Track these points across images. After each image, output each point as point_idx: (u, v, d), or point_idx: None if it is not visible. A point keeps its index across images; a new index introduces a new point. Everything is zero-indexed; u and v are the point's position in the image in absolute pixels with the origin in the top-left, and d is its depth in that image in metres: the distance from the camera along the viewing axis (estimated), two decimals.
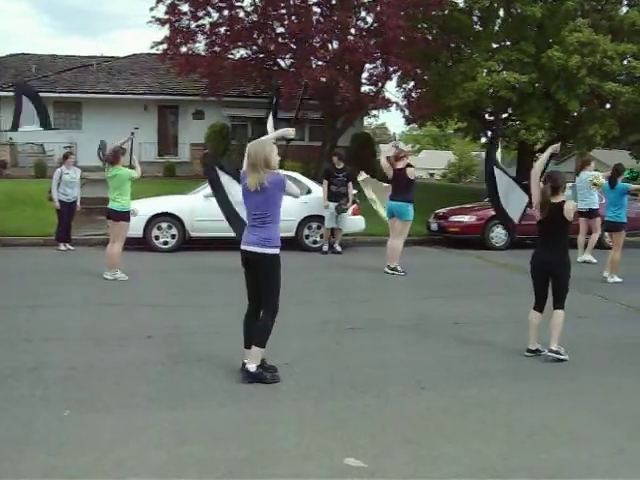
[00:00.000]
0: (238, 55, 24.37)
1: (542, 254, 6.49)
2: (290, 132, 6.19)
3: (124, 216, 10.04)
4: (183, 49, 23.69)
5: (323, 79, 21.89)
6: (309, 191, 13.91)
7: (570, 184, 11.93)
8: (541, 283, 6.51)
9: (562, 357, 6.32)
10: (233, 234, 5.55)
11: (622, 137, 23.60)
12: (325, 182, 13.74)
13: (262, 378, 5.44)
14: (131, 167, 10.59)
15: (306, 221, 13.92)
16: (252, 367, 5.43)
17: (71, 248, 13.30)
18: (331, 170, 13.90)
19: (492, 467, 4.13)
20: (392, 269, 11.20)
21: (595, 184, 12.35)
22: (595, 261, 12.36)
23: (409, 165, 11.35)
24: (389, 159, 11.54)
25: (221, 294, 9.08)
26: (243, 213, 6.11)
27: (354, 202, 14.19)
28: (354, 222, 14.45)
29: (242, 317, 5.64)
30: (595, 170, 13.26)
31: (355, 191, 14.57)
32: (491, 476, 4.02)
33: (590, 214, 12.87)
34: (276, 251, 5.44)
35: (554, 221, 6.28)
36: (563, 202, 6.27)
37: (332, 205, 13.52)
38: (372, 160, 28.15)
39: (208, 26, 23.57)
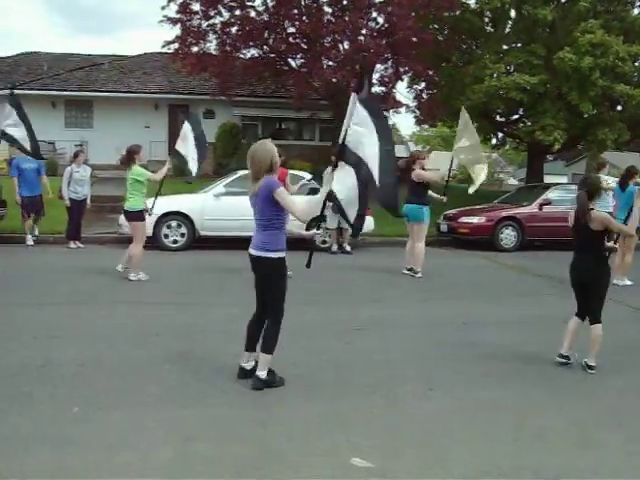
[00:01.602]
0: (249, 55, 24.46)
1: (574, 261, 6.35)
2: (332, 177, 5.74)
3: (133, 215, 10.00)
4: (194, 48, 23.75)
5: (334, 79, 21.89)
6: (317, 191, 13.85)
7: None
8: (576, 290, 6.37)
9: (591, 372, 6.22)
10: (242, 233, 5.44)
11: (633, 140, 23.50)
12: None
13: (271, 383, 5.41)
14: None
15: (314, 221, 13.91)
16: (262, 374, 5.37)
17: (81, 246, 13.35)
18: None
19: (499, 468, 4.12)
20: (410, 270, 11.20)
21: (605, 188, 12.26)
22: None
23: (422, 168, 11.33)
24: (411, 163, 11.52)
25: (230, 293, 9.09)
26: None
27: None
28: None
29: (250, 316, 5.64)
30: (607, 174, 13.17)
31: None
32: (498, 477, 4.01)
33: None
34: (278, 255, 5.31)
35: (584, 228, 6.15)
36: (590, 210, 6.18)
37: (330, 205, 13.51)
38: None
39: (219, 25, 23.66)
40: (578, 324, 6.37)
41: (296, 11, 22.75)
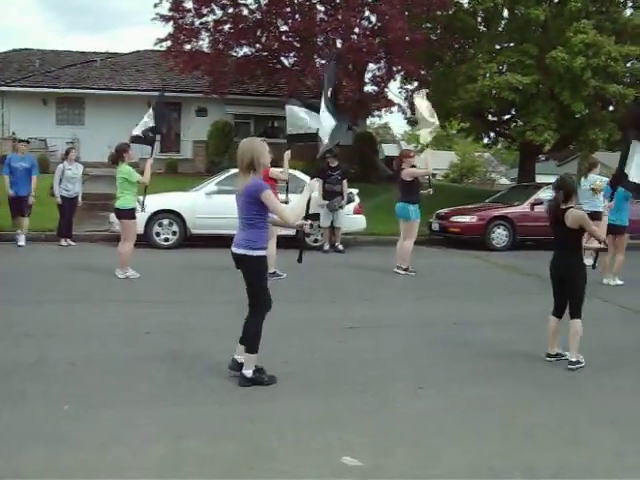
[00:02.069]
0: (241, 53, 24.37)
1: (554, 259, 6.47)
2: (315, 186, 5.99)
3: (125, 214, 9.98)
4: (187, 46, 23.68)
5: None
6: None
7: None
8: (555, 288, 6.49)
9: (580, 365, 6.28)
10: (234, 231, 5.49)
11: (625, 140, 23.53)
12: (319, 180, 13.74)
13: (260, 381, 5.40)
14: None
15: (307, 220, 13.86)
16: (248, 373, 5.39)
17: (72, 244, 13.31)
18: (325, 168, 13.88)
19: (490, 467, 4.13)
20: (404, 269, 11.21)
21: (594, 189, 12.32)
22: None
23: (412, 166, 11.36)
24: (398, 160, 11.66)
25: (221, 291, 9.08)
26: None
27: (350, 200, 14.21)
28: (355, 221, 14.46)
29: (241, 314, 5.63)
30: (599, 174, 13.22)
31: (356, 190, 14.60)
32: (489, 476, 4.03)
33: (593, 216, 12.75)
34: (259, 253, 5.32)
35: (563, 226, 6.23)
36: (568, 209, 6.23)
37: (325, 204, 13.56)
38: (374, 159, 28.23)
39: (212, 23, 23.57)
40: (557, 322, 6.49)
41: (289, 9, 22.70)
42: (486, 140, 29.66)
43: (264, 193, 5.16)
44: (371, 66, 24.01)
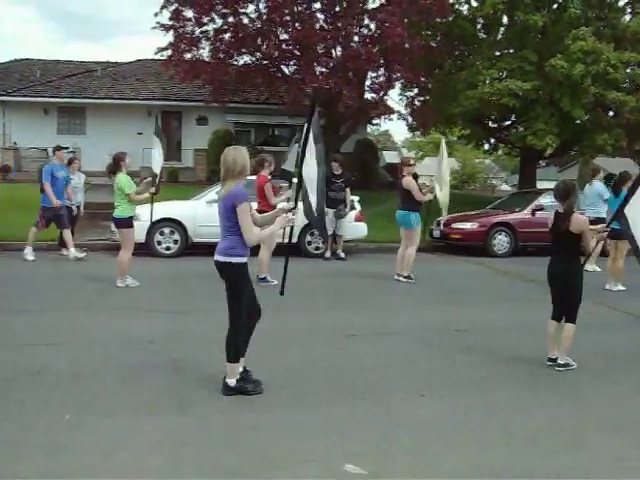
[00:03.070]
0: (242, 61, 24.44)
1: (551, 263, 6.51)
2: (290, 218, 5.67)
3: (122, 222, 9.99)
4: (187, 55, 23.74)
5: (327, 86, 21.94)
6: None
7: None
8: (553, 292, 6.53)
9: (570, 368, 6.31)
10: None
11: (628, 145, 23.60)
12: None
13: (243, 390, 5.36)
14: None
15: (308, 227, 13.87)
16: (231, 382, 5.36)
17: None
18: (329, 176, 13.88)
19: (492, 472, 4.13)
20: (405, 277, 11.20)
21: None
22: (600, 270, 12.32)
23: (414, 175, 11.39)
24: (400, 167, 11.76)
25: (223, 300, 9.04)
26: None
27: (352, 208, 14.24)
28: (356, 228, 14.46)
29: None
30: (600, 180, 13.22)
31: (356, 197, 14.61)
32: (490, 476, 4.03)
33: (597, 223, 12.72)
34: (239, 260, 5.32)
35: (564, 232, 6.25)
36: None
37: (331, 211, 13.56)
38: (375, 166, 28.28)
39: (212, 32, 23.64)
40: (555, 327, 6.50)
41: (288, 18, 22.77)
42: (487, 146, 29.69)
43: (240, 206, 5.18)
44: (371, 74, 24.07)
